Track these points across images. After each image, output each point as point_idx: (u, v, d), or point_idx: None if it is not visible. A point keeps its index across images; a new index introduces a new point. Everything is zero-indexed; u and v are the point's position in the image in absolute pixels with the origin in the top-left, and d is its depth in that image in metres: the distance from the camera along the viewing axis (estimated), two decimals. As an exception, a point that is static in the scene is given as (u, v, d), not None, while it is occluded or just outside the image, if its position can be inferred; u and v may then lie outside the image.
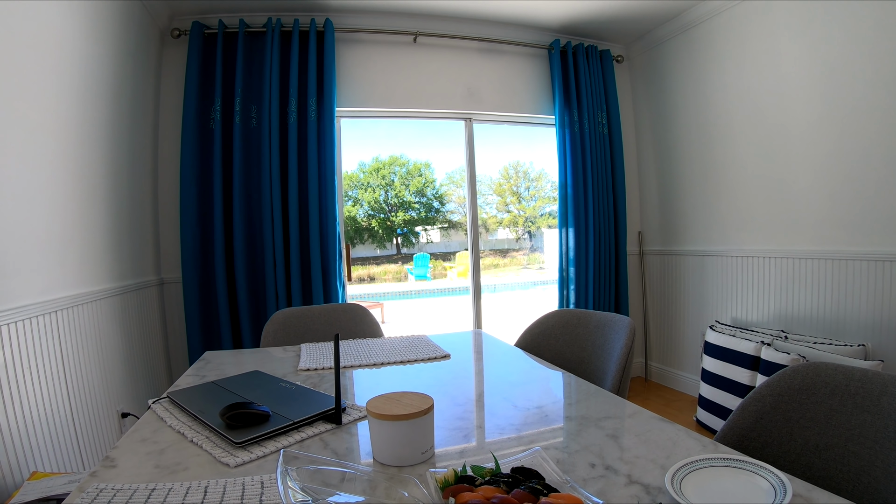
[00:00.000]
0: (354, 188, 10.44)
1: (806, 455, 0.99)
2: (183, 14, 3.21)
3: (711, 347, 3.10)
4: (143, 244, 2.94)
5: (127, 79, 2.68)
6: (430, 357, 1.66)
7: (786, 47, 2.89)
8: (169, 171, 3.20)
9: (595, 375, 1.67)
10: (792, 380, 1.04)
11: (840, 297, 2.71)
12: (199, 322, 3.10)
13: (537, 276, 9.81)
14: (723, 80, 3.35)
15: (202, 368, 1.59)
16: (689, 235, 3.74)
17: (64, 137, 2.06)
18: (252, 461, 0.90)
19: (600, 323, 1.77)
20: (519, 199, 10.33)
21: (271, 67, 3.14)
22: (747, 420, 1.06)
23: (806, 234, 2.88)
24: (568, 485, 0.74)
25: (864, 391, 0.95)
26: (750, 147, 3.18)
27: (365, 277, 10.55)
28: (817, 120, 2.76)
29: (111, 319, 2.43)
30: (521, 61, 3.83)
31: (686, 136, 3.70)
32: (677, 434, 0.96)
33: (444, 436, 1.01)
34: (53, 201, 1.98)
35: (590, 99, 3.80)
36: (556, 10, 3.51)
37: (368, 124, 4.33)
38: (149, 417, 1.14)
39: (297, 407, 1.12)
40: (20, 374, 1.71)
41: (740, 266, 3.31)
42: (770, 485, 0.73)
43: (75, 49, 2.15)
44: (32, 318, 1.79)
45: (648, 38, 3.92)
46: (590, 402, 1.20)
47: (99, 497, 0.76)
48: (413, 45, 3.57)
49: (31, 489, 1.50)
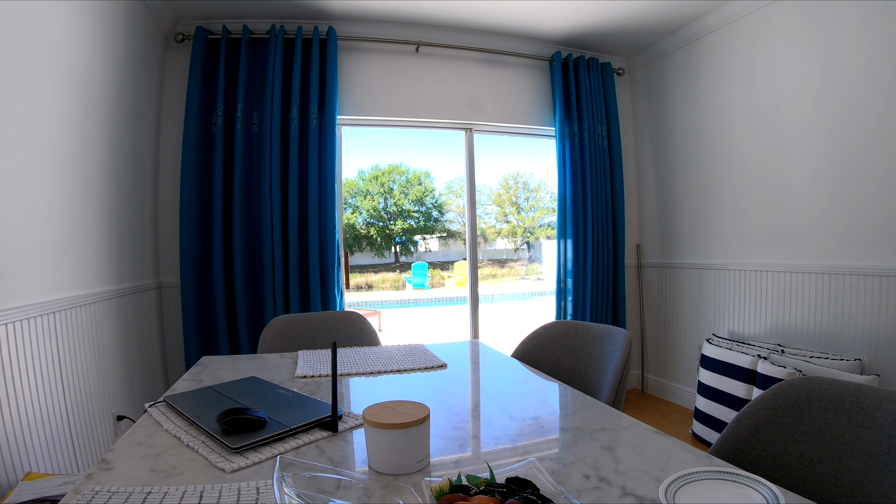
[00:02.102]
0: (354, 196, 10.46)
1: (800, 469, 0.99)
2: (187, 19, 3.23)
3: (708, 360, 3.10)
4: (143, 247, 2.94)
5: (130, 82, 2.70)
6: (427, 366, 1.66)
7: (785, 62, 2.92)
8: (169, 175, 3.21)
9: (591, 387, 1.67)
10: (787, 394, 1.05)
11: (837, 311, 2.71)
12: (196, 327, 3.09)
13: (535, 286, 9.82)
14: (722, 94, 3.37)
15: (199, 373, 1.59)
16: (687, 248, 3.75)
17: (66, 139, 2.06)
18: (248, 467, 0.90)
19: (597, 335, 1.78)
20: (518, 209, 10.36)
21: (274, 74, 3.16)
22: (742, 433, 1.06)
23: (804, 248, 2.89)
24: (562, 496, 0.74)
25: (858, 406, 0.96)
26: (749, 161, 3.21)
27: (363, 285, 10.55)
28: (816, 134, 2.78)
29: (109, 322, 2.42)
30: (522, 72, 3.86)
31: (685, 150, 3.72)
32: (672, 447, 0.96)
33: (440, 445, 1.01)
34: (54, 203, 1.98)
35: (590, 111, 3.82)
36: (557, 22, 3.54)
37: (369, 132, 4.34)
38: (145, 421, 1.14)
39: (293, 414, 1.12)
40: (17, 375, 1.71)
41: (738, 279, 3.32)
42: (764, 498, 0.73)
43: (79, 51, 2.16)
44: (30, 319, 1.79)
45: (649, 52, 3.95)
46: (585, 413, 1.20)
47: (94, 499, 0.76)
48: (415, 54, 3.59)
49: (26, 490, 1.50)
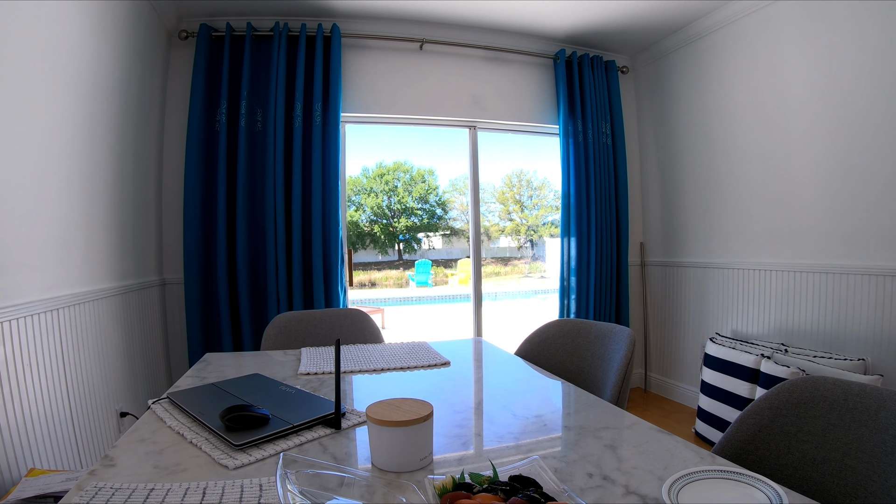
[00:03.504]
0: (357, 193, 10.46)
1: (803, 468, 0.99)
2: (191, 16, 3.23)
3: (711, 359, 3.09)
4: (146, 244, 2.95)
5: (134, 79, 2.70)
6: (430, 364, 1.66)
7: (790, 61, 2.91)
8: (173, 171, 3.22)
9: (594, 386, 1.67)
10: (790, 393, 1.05)
11: (841, 311, 2.71)
12: (199, 323, 3.10)
13: (538, 284, 9.82)
14: (727, 92, 3.36)
15: (202, 370, 1.60)
16: (691, 247, 3.74)
17: (70, 137, 2.07)
18: (251, 464, 0.90)
19: (600, 333, 1.78)
20: (521, 207, 10.34)
21: (277, 71, 3.16)
22: (745, 433, 1.06)
23: (808, 247, 2.88)
24: (565, 494, 0.74)
25: (861, 406, 0.96)
26: (753, 160, 3.19)
27: (366, 283, 10.56)
28: (820, 134, 2.77)
29: (112, 319, 2.43)
30: (526, 70, 3.85)
31: (689, 148, 3.71)
32: (675, 445, 0.96)
33: (443, 443, 1.01)
34: (58, 199, 1.99)
35: (594, 109, 3.81)
36: (562, 20, 3.53)
37: (373, 129, 4.33)
38: (148, 417, 1.14)
39: (296, 411, 1.12)
40: (20, 371, 1.71)
41: (741, 279, 3.31)
42: (767, 498, 0.73)
43: (83, 48, 2.17)
44: (35, 315, 1.80)
45: (654, 50, 3.94)
46: (589, 412, 1.20)
47: (97, 496, 0.76)
48: (419, 52, 3.59)
49: (29, 486, 1.51)
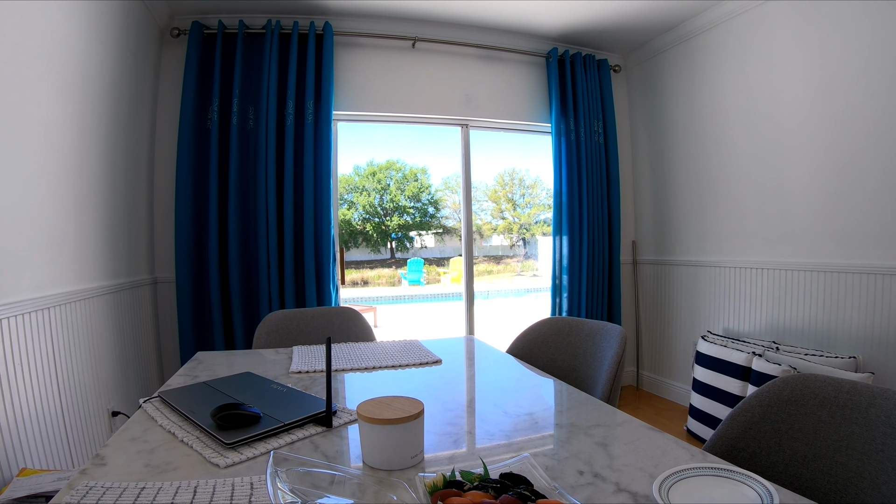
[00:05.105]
0: (350, 191, 10.43)
1: (794, 466, 0.99)
2: (183, 14, 3.21)
3: (703, 357, 3.11)
4: (138, 243, 2.93)
5: (125, 77, 2.68)
6: (422, 362, 1.66)
7: (782, 60, 2.92)
8: (165, 170, 3.20)
9: (586, 383, 1.68)
10: (781, 391, 1.05)
11: (832, 309, 2.73)
12: (191, 322, 3.08)
13: (531, 283, 9.82)
14: (719, 91, 3.38)
15: (194, 369, 1.59)
16: (683, 245, 3.76)
17: (61, 134, 2.05)
18: (242, 462, 0.90)
19: (592, 331, 1.78)
20: (514, 206, 10.34)
21: (269, 69, 3.14)
22: (736, 430, 1.06)
23: (799, 246, 2.90)
24: (556, 491, 0.74)
25: (852, 403, 0.96)
26: (745, 158, 3.21)
27: (358, 281, 10.53)
28: (812, 132, 2.79)
29: (104, 317, 2.42)
30: (518, 69, 3.85)
31: (681, 147, 3.73)
32: (666, 443, 0.96)
33: (434, 441, 1.01)
34: (49, 198, 1.97)
35: (586, 108, 3.82)
36: (554, 18, 3.53)
37: (365, 128, 4.33)
38: (139, 416, 1.13)
39: (288, 409, 1.12)
40: (11, 370, 1.70)
41: (733, 277, 3.33)
42: (758, 495, 0.73)
43: (74, 46, 2.15)
44: (25, 315, 1.78)
45: (646, 49, 3.95)
46: (580, 409, 1.20)
47: (88, 495, 0.76)
48: (412, 50, 3.58)
49: (20, 486, 1.49)
